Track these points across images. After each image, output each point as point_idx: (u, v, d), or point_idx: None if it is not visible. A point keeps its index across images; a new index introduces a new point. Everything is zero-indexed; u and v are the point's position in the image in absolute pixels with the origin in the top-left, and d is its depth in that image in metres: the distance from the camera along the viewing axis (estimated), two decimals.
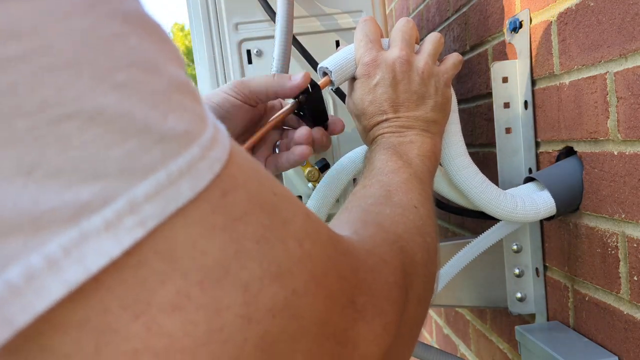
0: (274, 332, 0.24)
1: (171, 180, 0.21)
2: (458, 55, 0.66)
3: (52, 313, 0.19)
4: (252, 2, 0.77)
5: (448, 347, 1.32)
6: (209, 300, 0.22)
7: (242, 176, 0.25)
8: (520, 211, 0.66)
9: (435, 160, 0.59)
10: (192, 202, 0.22)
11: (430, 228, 0.46)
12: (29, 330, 0.19)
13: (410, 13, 1.38)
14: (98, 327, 0.20)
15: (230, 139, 0.26)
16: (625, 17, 0.54)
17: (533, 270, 0.79)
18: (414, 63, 0.60)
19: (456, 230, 1.15)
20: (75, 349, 0.20)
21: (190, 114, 0.23)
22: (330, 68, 0.61)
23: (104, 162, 0.20)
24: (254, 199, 0.25)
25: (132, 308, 0.21)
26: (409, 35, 0.62)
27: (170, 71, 0.23)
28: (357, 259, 0.31)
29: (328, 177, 0.68)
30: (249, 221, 0.24)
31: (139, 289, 0.21)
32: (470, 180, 0.65)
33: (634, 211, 0.56)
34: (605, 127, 0.59)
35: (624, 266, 0.59)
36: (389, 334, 0.31)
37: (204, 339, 0.22)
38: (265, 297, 0.23)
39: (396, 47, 0.61)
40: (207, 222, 0.22)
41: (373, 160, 0.55)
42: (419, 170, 0.54)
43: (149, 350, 0.21)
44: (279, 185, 0.28)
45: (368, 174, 0.52)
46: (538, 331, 0.72)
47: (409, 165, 0.54)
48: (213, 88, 0.78)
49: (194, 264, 0.22)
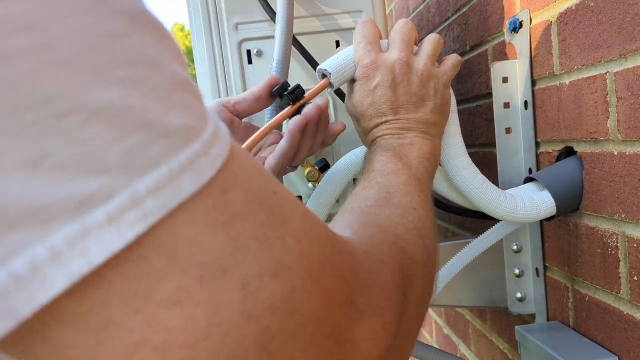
0: (273, 328, 0.24)
1: (173, 175, 0.21)
2: (457, 56, 0.66)
3: (55, 305, 0.20)
4: (252, 2, 0.77)
5: (448, 347, 1.32)
6: (208, 296, 0.22)
7: (242, 174, 0.25)
8: (520, 211, 0.66)
9: (434, 162, 0.59)
10: (193, 197, 0.22)
11: (429, 230, 0.46)
12: (32, 321, 0.19)
13: (410, 13, 1.38)
14: (99, 320, 0.20)
15: (231, 137, 0.26)
16: (625, 17, 0.54)
17: (533, 270, 0.79)
18: (413, 65, 0.60)
19: (456, 230, 1.15)
20: (77, 340, 0.20)
21: (191, 111, 0.23)
22: (330, 70, 0.61)
23: (106, 157, 0.20)
24: (254, 197, 0.25)
25: (132, 302, 0.21)
26: (407, 37, 0.62)
27: (173, 69, 0.24)
28: (355, 259, 0.32)
29: (328, 177, 0.68)
30: (248, 218, 0.24)
31: (139, 283, 0.21)
32: (470, 181, 0.65)
33: (634, 211, 0.56)
34: (605, 127, 0.59)
35: (624, 266, 0.59)
36: (388, 334, 0.31)
37: (203, 333, 0.22)
38: (264, 294, 0.23)
39: (395, 48, 0.61)
40: (207, 217, 0.23)
41: (372, 162, 0.55)
42: (418, 172, 0.54)
43: (148, 344, 0.21)
44: (278, 185, 0.28)
45: (367, 175, 0.53)
46: (538, 331, 0.72)
47: (409, 167, 0.54)
48: (213, 88, 0.78)
49: (194, 260, 0.22)
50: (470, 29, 0.95)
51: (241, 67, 0.78)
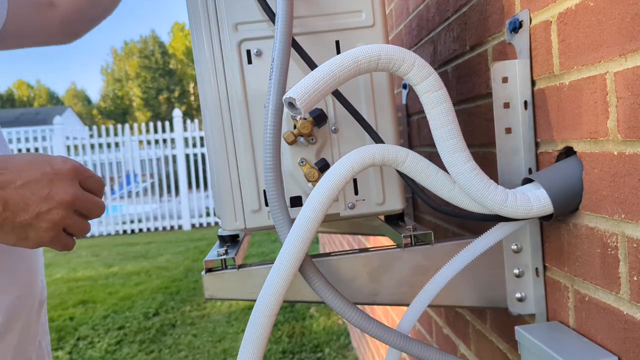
0: None
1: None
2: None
3: None
4: (252, 2, 0.77)
5: (448, 347, 1.32)
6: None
7: None
8: (510, 205, 0.65)
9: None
10: None
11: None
12: None
13: (410, 13, 1.38)
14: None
15: None
16: (625, 17, 0.54)
17: (533, 270, 0.79)
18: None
19: (456, 230, 1.15)
20: None
21: None
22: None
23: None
24: None
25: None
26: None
27: None
28: None
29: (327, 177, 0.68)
30: None
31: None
32: (461, 165, 0.64)
33: (634, 211, 0.56)
34: (605, 127, 0.59)
35: (623, 266, 0.59)
36: None
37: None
38: None
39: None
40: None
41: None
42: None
43: None
44: None
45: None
46: (538, 331, 0.72)
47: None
48: (213, 88, 0.78)
49: None
50: (470, 29, 0.95)
51: (241, 67, 0.78)
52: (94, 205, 0.74)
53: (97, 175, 0.76)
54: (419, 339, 1.34)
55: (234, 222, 0.80)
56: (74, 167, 0.72)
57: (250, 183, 0.79)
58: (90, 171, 0.75)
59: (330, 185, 0.64)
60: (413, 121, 1.41)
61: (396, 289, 0.81)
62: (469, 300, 0.82)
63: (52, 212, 0.68)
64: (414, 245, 0.81)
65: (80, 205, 0.72)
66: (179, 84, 37.66)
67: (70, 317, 4.76)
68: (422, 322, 1.55)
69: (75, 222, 0.72)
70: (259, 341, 0.67)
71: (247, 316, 4.35)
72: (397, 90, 1.56)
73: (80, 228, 0.73)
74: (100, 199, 0.76)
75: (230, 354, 3.66)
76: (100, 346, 4.02)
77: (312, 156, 0.78)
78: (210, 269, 0.80)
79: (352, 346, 3.57)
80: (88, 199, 0.73)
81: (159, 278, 6.01)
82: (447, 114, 0.64)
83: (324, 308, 4.32)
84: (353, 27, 0.78)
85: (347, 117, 0.78)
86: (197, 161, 10.45)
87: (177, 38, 37.87)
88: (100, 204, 0.75)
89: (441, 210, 0.71)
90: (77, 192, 0.71)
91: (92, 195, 0.74)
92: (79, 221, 0.72)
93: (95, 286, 5.87)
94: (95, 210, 0.74)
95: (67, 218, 0.70)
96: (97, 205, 0.74)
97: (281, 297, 0.66)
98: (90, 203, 0.73)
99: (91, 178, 0.74)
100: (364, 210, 0.81)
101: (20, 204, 0.67)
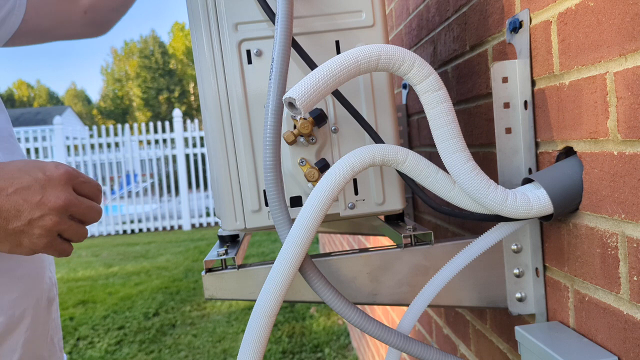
0: None
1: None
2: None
3: None
4: (252, 2, 0.77)
5: (448, 347, 1.32)
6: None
7: None
8: (510, 205, 0.65)
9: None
10: None
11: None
12: None
13: (410, 13, 1.38)
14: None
15: None
16: (625, 17, 0.54)
17: (533, 270, 0.79)
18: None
19: (456, 230, 1.15)
20: None
21: None
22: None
23: None
24: None
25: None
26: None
27: None
28: None
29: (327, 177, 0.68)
30: None
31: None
32: (461, 165, 0.64)
33: (634, 211, 0.56)
34: (605, 127, 0.59)
35: (623, 266, 0.59)
36: None
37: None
38: None
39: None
40: None
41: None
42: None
43: None
44: None
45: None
46: (538, 331, 0.72)
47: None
48: (213, 88, 0.78)
49: None
50: (470, 29, 0.95)
51: (241, 67, 0.78)
52: (89, 210, 0.73)
53: (93, 180, 0.75)
54: (419, 339, 1.34)
55: (234, 222, 0.80)
56: (66, 172, 0.71)
57: (250, 183, 0.79)
58: (84, 176, 0.74)
59: (330, 185, 0.64)
60: (413, 121, 1.41)
61: (396, 289, 0.81)
62: (469, 300, 0.82)
63: (44, 219, 0.68)
64: (414, 245, 0.81)
65: (75, 210, 0.71)
66: (179, 84, 37.65)
67: (70, 317, 4.77)
68: (422, 322, 1.55)
69: (70, 227, 0.71)
70: (259, 341, 0.67)
71: (247, 316, 4.35)
72: (397, 90, 1.56)
73: (76, 233, 0.72)
74: (97, 203, 0.75)
75: (230, 354, 3.66)
76: (100, 346, 4.02)
77: (312, 156, 0.78)
78: (210, 269, 0.80)
79: (352, 346, 3.57)
80: (82, 204, 0.72)
81: (159, 278, 6.01)
82: (447, 114, 0.64)
83: (324, 308, 4.32)
84: (353, 27, 0.78)
85: (347, 117, 0.78)
86: (197, 161, 10.45)
87: (177, 38, 37.88)
88: (96, 208, 0.74)
89: (441, 210, 0.71)
90: (70, 197, 0.70)
91: (87, 200, 0.73)
92: (74, 226, 0.72)
93: (95, 286, 5.88)
94: (91, 215, 0.73)
95: (60, 224, 0.70)
96: (93, 209, 0.73)
97: (281, 297, 0.66)
98: (85, 208, 0.72)
99: (86, 183, 0.73)
100: (364, 210, 0.81)
101: (12, 211, 0.67)
